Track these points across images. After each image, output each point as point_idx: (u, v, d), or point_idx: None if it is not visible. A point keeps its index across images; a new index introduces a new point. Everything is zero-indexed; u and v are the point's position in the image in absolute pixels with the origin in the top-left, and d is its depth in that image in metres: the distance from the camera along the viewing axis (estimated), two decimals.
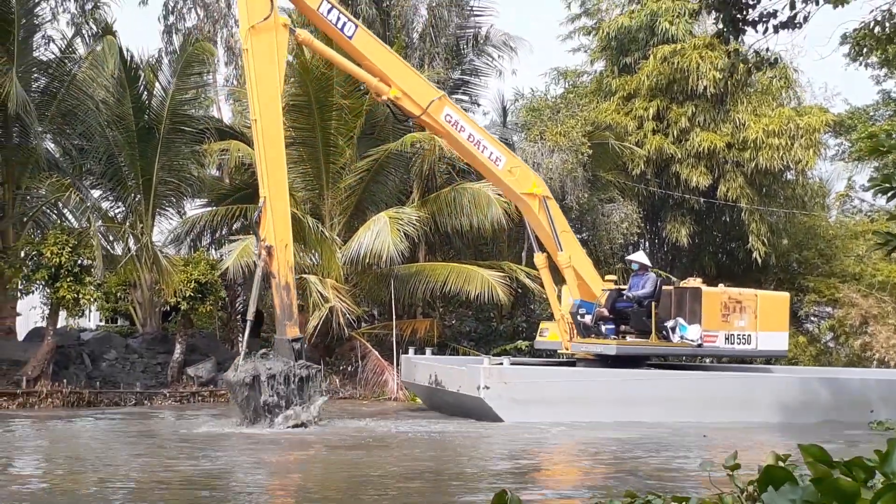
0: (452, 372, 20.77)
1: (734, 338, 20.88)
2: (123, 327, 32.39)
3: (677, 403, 18.99)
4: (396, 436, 16.64)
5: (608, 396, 18.93)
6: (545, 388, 19.08)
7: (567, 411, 18.44)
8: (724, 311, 20.81)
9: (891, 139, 7.65)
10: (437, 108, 19.82)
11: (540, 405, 18.62)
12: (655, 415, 18.53)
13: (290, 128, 28.57)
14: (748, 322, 21.06)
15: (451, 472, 10.28)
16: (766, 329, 21.27)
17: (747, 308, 21.15)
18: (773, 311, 21.75)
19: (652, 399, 19.04)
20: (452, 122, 19.96)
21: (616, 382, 19.31)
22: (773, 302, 22.25)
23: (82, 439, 15.33)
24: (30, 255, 23.40)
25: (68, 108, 25.82)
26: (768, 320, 21.39)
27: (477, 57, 33.05)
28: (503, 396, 18.53)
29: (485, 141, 20.54)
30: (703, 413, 18.80)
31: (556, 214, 21.71)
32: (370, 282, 28.26)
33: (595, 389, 19.04)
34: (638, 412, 18.56)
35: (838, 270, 34.65)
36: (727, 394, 19.84)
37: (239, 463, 12.44)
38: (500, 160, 20.74)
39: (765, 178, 32.91)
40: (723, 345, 20.85)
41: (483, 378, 18.58)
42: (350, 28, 19.06)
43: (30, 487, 9.31)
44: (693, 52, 31.69)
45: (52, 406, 21.86)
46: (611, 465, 11.48)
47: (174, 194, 29.12)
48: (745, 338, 20.97)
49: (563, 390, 19.04)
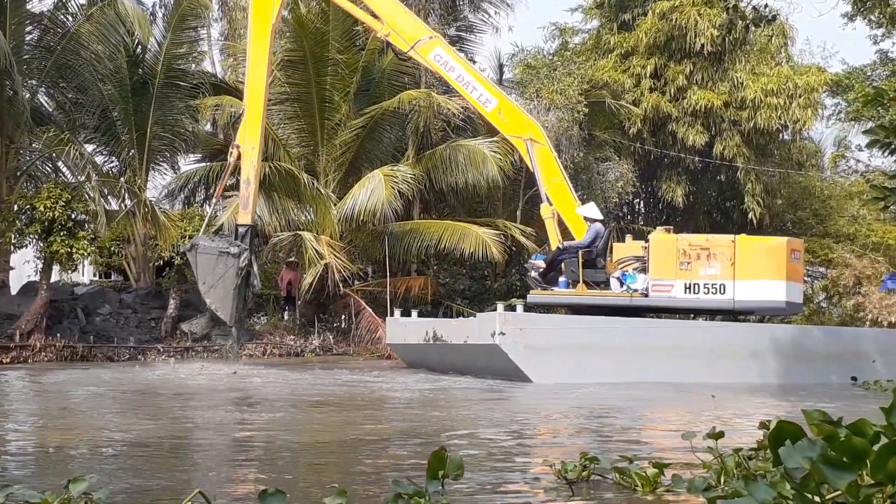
0: (457, 324, 20.41)
1: (699, 287, 19.16)
2: (117, 282, 32.38)
3: (687, 353, 18.56)
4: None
5: (624, 344, 18.42)
6: (561, 334, 18.67)
7: (583, 358, 18.12)
8: (683, 258, 19.25)
9: (890, 95, 7.60)
10: (427, 48, 20.89)
11: (555, 351, 18.19)
12: (669, 364, 18.19)
13: (286, 83, 28.45)
14: (721, 270, 19.10)
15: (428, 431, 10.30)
16: (749, 277, 19.01)
17: (719, 255, 19.18)
18: (760, 257, 19.26)
19: (664, 349, 18.57)
20: (442, 61, 20.90)
21: (631, 330, 18.86)
22: (758, 248, 19.70)
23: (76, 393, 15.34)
24: (23, 209, 23.32)
25: (63, 61, 25.60)
26: (751, 268, 19.04)
27: (473, 13, 32.83)
28: (518, 343, 18.10)
29: (475, 82, 21.10)
30: (713, 364, 18.45)
31: (543, 161, 21.11)
32: (364, 239, 28.22)
33: (611, 337, 18.52)
34: (652, 361, 18.22)
35: (832, 231, 34.70)
36: (737, 344, 19.27)
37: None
38: (490, 102, 21.17)
39: (761, 138, 32.86)
40: (681, 294, 19.22)
41: (499, 324, 18.16)
42: None
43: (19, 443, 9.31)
44: (692, 8, 31.51)
45: (45, 360, 21.87)
46: (601, 427, 11.49)
47: (168, 149, 29.03)
48: (716, 287, 19.12)
49: (578, 337, 18.54)
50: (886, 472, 2.16)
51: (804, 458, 2.08)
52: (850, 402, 14.25)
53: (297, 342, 26.15)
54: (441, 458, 3.29)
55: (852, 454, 2.17)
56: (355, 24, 27.51)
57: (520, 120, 21.38)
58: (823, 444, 2.11)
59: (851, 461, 2.13)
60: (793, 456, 2.10)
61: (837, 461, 2.08)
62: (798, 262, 19.90)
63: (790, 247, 19.58)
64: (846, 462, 2.08)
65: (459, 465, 3.41)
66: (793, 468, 2.07)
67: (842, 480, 2.04)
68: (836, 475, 2.05)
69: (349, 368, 21.50)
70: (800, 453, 2.09)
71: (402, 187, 26.19)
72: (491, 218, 29.10)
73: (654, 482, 5.73)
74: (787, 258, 19.25)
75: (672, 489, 5.54)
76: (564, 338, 18.59)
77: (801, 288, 20.13)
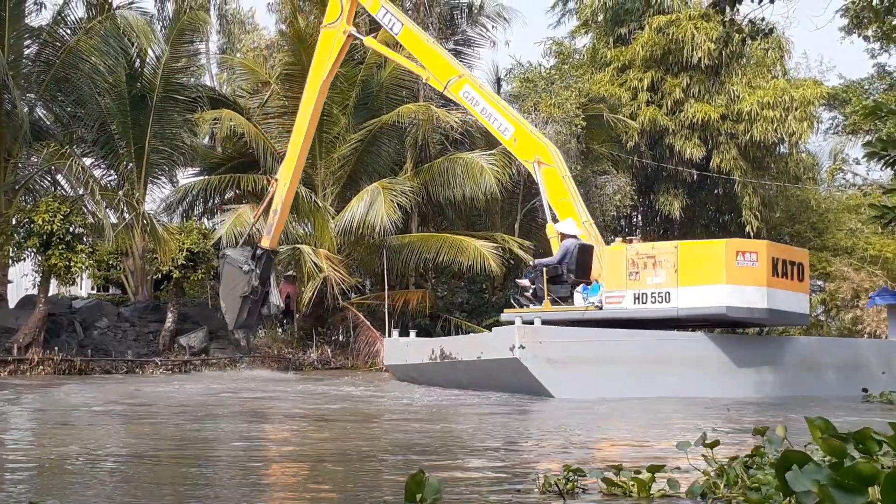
0: (468, 340, 20.18)
1: (646, 297, 18.66)
2: (115, 296, 32.34)
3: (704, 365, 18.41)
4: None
5: (642, 357, 18.15)
6: (582, 347, 18.24)
7: (605, 371, 17.81)
8: (632, 268, 18.85)
9: (888, 107, 7.61)
10: (456, 86, 22.05)
11: (577, 364, 17.89)
12: (687, 376, 18.11)
13: (284, 97, 28.51)
14: (666, 278, 18.55)
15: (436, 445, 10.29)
16: (690, 283, 18.33)
17: (664, 262, 18.62)
18: (701, 262, 18.46)
19: (683, 360, 18.39)
20: (469, 97, 22.01)
21: (650, 343, 18.52)
22: (698, 252, 18.86)
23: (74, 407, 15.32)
24: (21, 223, 23.29)
25: (61, 75, 25.61)
26: (693, 274, 18.35)
27: (471, 27, 32.91)
28: (539, 356, 17.74)
29: (496, 113, 21.86)
30: (725, 377, 18.36)
31: (549, 181, 21.27)
32: (362, 252, 28.23)
33: (629, 349, 18.24)
34: (671, 373, 17.94)
35: (830, 244, 34.74)
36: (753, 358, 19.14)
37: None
38: (508, 130, 21.70)
39: (758, 151, 32.93)
40: (631, 305, 18.81)
41: (518, 337, 17.75)
42: (398, 27, 22.98)
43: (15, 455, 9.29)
44: (688, 22, 31.61)
45: (43, 374, 21.82)
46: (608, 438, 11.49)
47: (166, 163, 29.05)
48: (662, 296, 18.59)
49: (599, 350, 18.20)
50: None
51: (812, 482, 2.08)
52: (860, 414, 14.25)
53: (295, 355, 26.12)
54: (419, 481, 3.25)
55: (860, 479, 2.16)
56: (353, 39, 27.63)
57: (529, 143, 21.52)
58: (830, 471, 2.10)
59: (861, 484, 2.13)
60: (800, 480, 2.10)
61: (847, 484, 2.08)
62: (751, 264, 18.55)
63: (733, 248, 18.64)
64: (856, 485, 2.08)
65: (437, 489, 3.38)
66: (802, 493, 2.08)
67: (855, 503, 2.04)
68: (846, 499, 2.05)
69: (352, 382, 21.47)
70: (807, 477, 2.10)
71: (401, 200, 26.22)
72: (489, 231, 29.11)
73: (648, 486, 5.71)
74: (729, 261, 18.33)
75: (666, 493, 5.52)
76: (585, 350, 18.23)
77: (759, 291, 18.64)
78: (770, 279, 18.58)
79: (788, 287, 19.16)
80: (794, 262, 19.39)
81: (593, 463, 7.49)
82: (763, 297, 18.55)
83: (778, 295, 18.83)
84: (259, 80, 30.65)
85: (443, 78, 22.37)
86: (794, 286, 19.30)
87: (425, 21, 30.31)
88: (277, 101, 28.92)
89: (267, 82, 29.83)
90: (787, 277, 19.08)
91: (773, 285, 18.68)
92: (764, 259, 18.51)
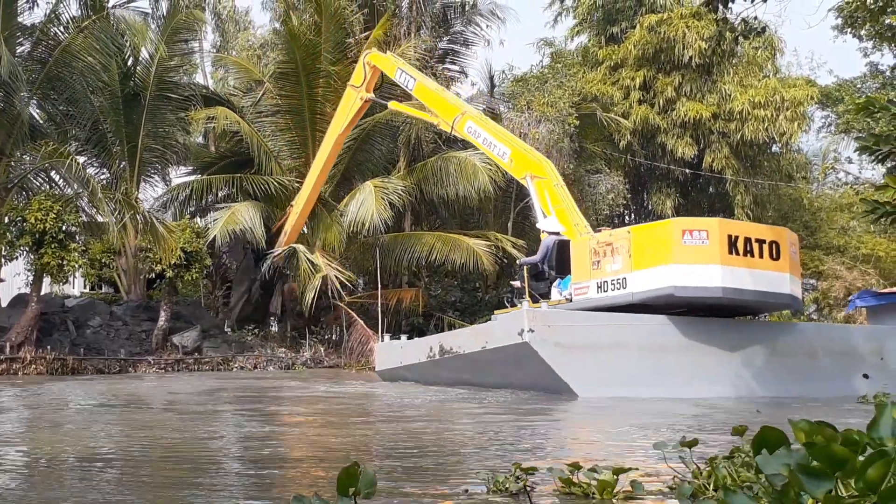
0: (470, 331, 20.07)
1: (607, 285, 18.46)
2: (108, 294, 32.30)
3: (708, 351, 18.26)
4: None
5: (649, 342, 17.94)
6: (588, 331, 17.96)
7: (612, 356, 17.61)
8: (594, 257, 18.72)
9: (881, 103, 7.65)
10: (461, 125, 23.23)
11: (584, 350, 17.67)
12: (693, 362, 17.73)
13: (277, 95, 28.51)
14: (622, 264, 18.33)
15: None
16: (642, 267, 18.08)
17: (619, 248, 18.43)
18: (651, 245, 18.19)
19: (687, 346, 18.01)
20: (472, 131, 23.19)
21: (657, 327, 18.19)
22: (647, 235, 18.61)
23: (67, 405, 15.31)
24: (14, 221, 23.26)
25: (54, 73, 25.57)
26: (645, 257, 18.09)
27: (465, 26, 32.87)
28: (548, 340, 17.50)
29: (494, 140, 22.74)
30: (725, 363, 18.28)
31: (540, 193, 21.38)
32: (356, 251, 28.26)
33: (638, 334, 17.98)
34: (678, 359, 17.79)
35: (823, 243, 34.82)
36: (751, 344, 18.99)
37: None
38: (505, 154, 22.42)
39: (750, 150, 33.01)
40: (595, 294, 18.61)
41: (527, 321, 17.55)
42: (412, 83, 24.39)
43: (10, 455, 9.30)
44: (680, 21, 31.68)
45: (35, 372, 21.80)
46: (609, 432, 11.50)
47: (159, 161, 29.02)
48: (619, 282, 18.34)
49: (605, 333, 17.92)
50: (867, 481, 2.19)
51: (783, 466, 2.11)
52: (851, 416, 14.25)
53: (288, 354, 26.12)
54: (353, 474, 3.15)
55: (832, 462, 2.19)
56: (347, 37, 27.67)
57: (522, 162, 21.87)
58: (803, 452, 2.14)
59: (831, 469, 2.16)
60: (771, 463, 2.13)
61: (815, 469, 2.11)
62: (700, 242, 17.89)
63: (679, 227, 18.17)
64: (824, 470, 2.11)
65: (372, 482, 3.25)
66: (773, 475, 2.11)
67: (819, 489, 2.07)
68: (813, 484, 2.08)
69: (338, 382, 21.48)
70: (778, 461, 2.13)
71: (393, 199, 26.24)
72: (482, 230, 29.14)
73: (612, 487, 5.60)
74: (676, 240, 17.89)
75: (630, 495, 5.46)
76: (594, 335, 17.96)
77: (711, 269, 17.87)
78: (725, 257, 17.83)
79: (756, 266, 18.27)
80: (765, 240, 18.51)
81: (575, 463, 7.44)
82: (717, 275, 17.81)
83: (739, 273, 17.99)
84: (252, 79, 30.66)
85: (448, 118, 23.57)
86: (764, 265, 18.37)
87: (419, 20, 30.35)
88: (271, 99, 28.92)
89: (260, 81, 29.85)
90: (753, 255, 18.21)
91: (730, 263, 17.89)
92: (716, 237, 17.85)
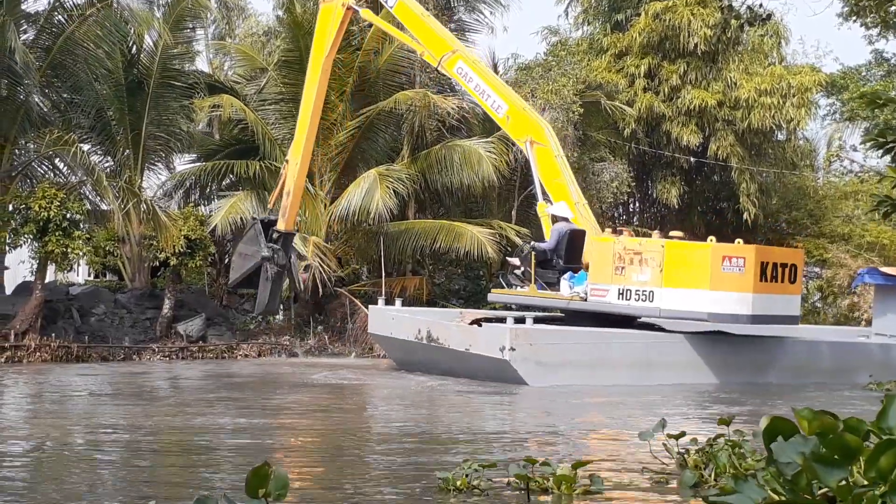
0: (458, 329, 19.62)
1: (630, 293, 18.31)
2: (112, 282, 32.32)
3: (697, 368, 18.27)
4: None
5: (635, 359, 18.02)
6: (572, 349, 17.95)
7: (594, 374, 17.53)
8: (619, 262, 18.52)
9: (887, 95, 7.62)
10: (450, 62, 21.72)
11: (567, 368, 17.60)
12: (680, 378, 17.77)
13: (281, 83, 28.47)
14: (651, 276, 18.24)
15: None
16: (674, 285, 18.04)
17: (649, 260, 18.27)
18: (687, 264, 18.20)
19: (674, 363, 18.11)
20: (462, 73, 21.70)
21: (643, 345, 18.40)
22: (685, 254, 18.54)
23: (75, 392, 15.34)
24: (18, 209, 23.27)
25: (58, 61, 25.54)
26: (678, 275, 18.07)
27: (468, 13, 32.81)
28: (529, 359, 17.45)
29: (489, 90, 21.55)
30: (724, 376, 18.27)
31: (541, 161, 20.99)
32: (360, 239, 28.23)
33: (623, 352, 18.12)
34: (664, 376, 17.77)
35: (827, 231, 34.74)
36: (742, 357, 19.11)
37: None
38: (501, 108, 21.41)
39: (755, 138, 32.92)
40: (615, 300, 18.51)
41: (509, 339, 17.50)
42: (392, 1, 22.54)
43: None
44: (685, 8, 31.56)
45: (40, 360, 21.83)
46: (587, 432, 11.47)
47: (163, 149, 29.01)
48: (644, 294, 18.25)
49: (589, 352, 17.91)
50: (879, 470, 2.17)
51: (797, 454, 2.10)
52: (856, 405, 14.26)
53: (292, 342, 26.14)
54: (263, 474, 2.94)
55: (845, 451, 2.18)
56: (351, 25, 27.57)
57: (523, 122, 21.28)
58: (816, 441, 2.12)
59: (843, 458, 2.15)
60: (785, 451, 2.12)
61: (829, 458, 2.10)
62: (737, 270, 18.07)
63: (719, 253, 18.31)
64: (838, 459, 2.10)
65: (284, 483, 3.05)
66: (784, 463, 2.10)
67: (833, 478, 2.06)
68: (827, 472, 2.07)
69: (337, 370, 21.48)
70: (792, 449, 2.11)
71: (397, 187, 26.21)
72: (486, 218, 29.11)
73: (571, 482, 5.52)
74: (715, 266, 18.02)
75: (588, 489, 5.39)
76: (577, 353, 17.99)
77: (743, 298, 18.19)
78: (757, 285, 18.14)
79: (778, 290, 18.74)
80: (787, 264, 18.95)
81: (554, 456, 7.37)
82: (748, 303, 18.13)
83: (765, 300, 18.40)
84: (256, 67, 30.63)
85: (437, 53, 22.01)
86: (784, 289, 18.89)
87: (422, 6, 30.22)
88: (275, 87, 28.90)
89: (264, 68, 29.79)
90: (778, 280, 18.63)
91: (760, 291, 18.24)
92: (751, 265, 18.07)
